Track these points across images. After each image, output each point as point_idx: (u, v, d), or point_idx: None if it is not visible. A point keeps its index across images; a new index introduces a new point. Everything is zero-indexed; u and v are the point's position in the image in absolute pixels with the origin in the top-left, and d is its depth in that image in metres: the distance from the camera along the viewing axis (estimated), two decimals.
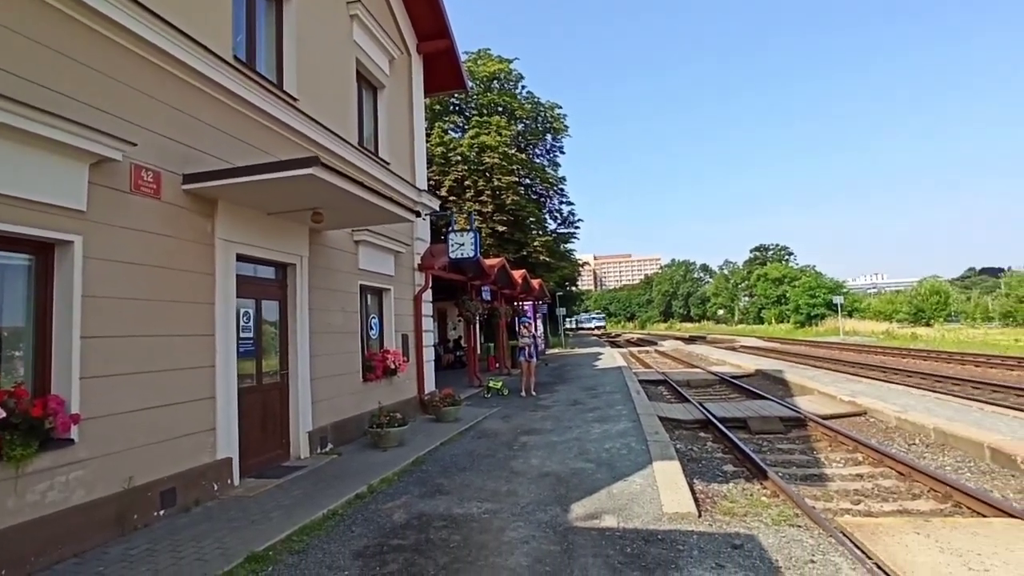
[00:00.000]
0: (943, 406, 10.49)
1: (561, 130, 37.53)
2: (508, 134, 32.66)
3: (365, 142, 10.48)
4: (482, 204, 30.65)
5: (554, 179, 37.78)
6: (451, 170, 30.85)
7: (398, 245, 10.97)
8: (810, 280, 68.44)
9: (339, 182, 5.96)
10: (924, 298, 52.54)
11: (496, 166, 31.33)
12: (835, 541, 4.68)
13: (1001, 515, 5.38)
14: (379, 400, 9.45)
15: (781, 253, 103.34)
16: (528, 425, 10.18)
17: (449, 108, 34.41)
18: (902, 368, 19.49)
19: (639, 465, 7.01)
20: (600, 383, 16.38)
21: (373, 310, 10.51)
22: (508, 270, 19.48)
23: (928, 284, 55.69)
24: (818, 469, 7.69)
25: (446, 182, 30.46)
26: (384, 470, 7.04)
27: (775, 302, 79.35)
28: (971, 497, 5.87)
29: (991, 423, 8.80)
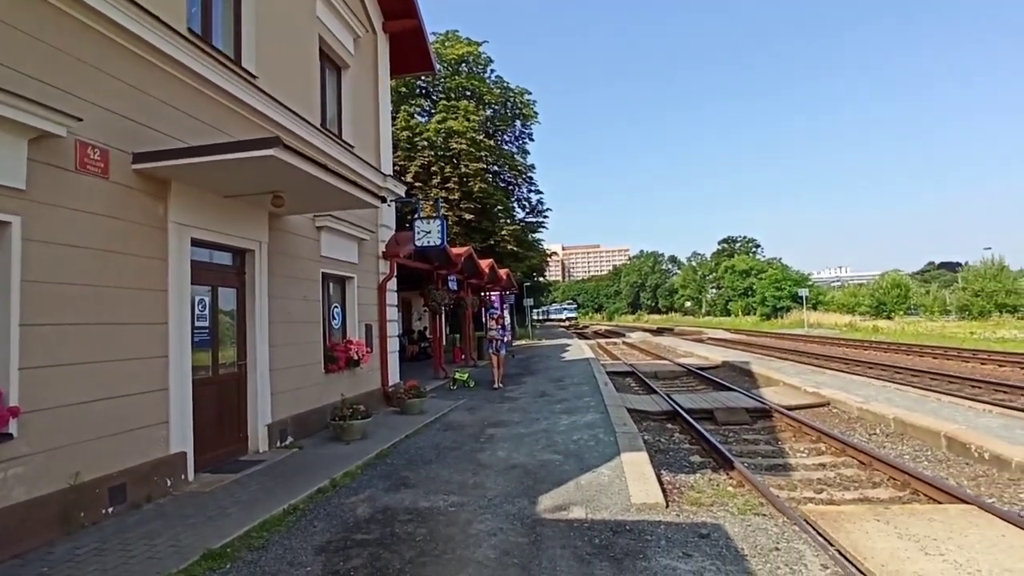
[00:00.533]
0: (903, 396, 10.95)
1: (531, 116, 37.50)
2: (476, 119, 32.46)
3: (328, 124, 10.29)
4: (449, 191, 30.46)
5: (523, 167, 37.76)
6: (417, 155, 30.53)
7: (362, 232, 10.83)
8: (776, 273, 70.28)
9: (302, 165, 5.85)
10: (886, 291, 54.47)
11: (464, 152, 31.14)
12: (799, 529, 4.86)
13: (956, 501, 5.66)
14: (342, 392, 9.36)
15: (748, 245, 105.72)
16: (495, 417, 10.23)
17: (415, 91, 33.99)
18: (864, 360, 20.26)
19: (607, 456, 7.12)
20: (568, 375, 16.54)
21: (336, 299, 10.38)
22: (475, 259, 19.44)
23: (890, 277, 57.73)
24: (783, 459, 7.94)
25: (412, 168, 30.15)
26: (347, 464, 6.99)
27: (742, 294, 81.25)
28: (928, 485, 6.15)
29: (947, 413, 9.23)
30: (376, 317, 11.68)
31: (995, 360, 18.27)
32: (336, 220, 9.76)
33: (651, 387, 14.30)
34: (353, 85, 11.21)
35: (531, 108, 37.21)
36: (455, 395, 13.11)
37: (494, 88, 35.48)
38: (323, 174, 6.33)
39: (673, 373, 18.04)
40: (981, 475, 6.79)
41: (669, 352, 26.55)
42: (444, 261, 15.60)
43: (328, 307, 10.03)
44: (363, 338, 10.85)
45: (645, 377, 16.31)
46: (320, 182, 6.43)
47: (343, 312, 10.55)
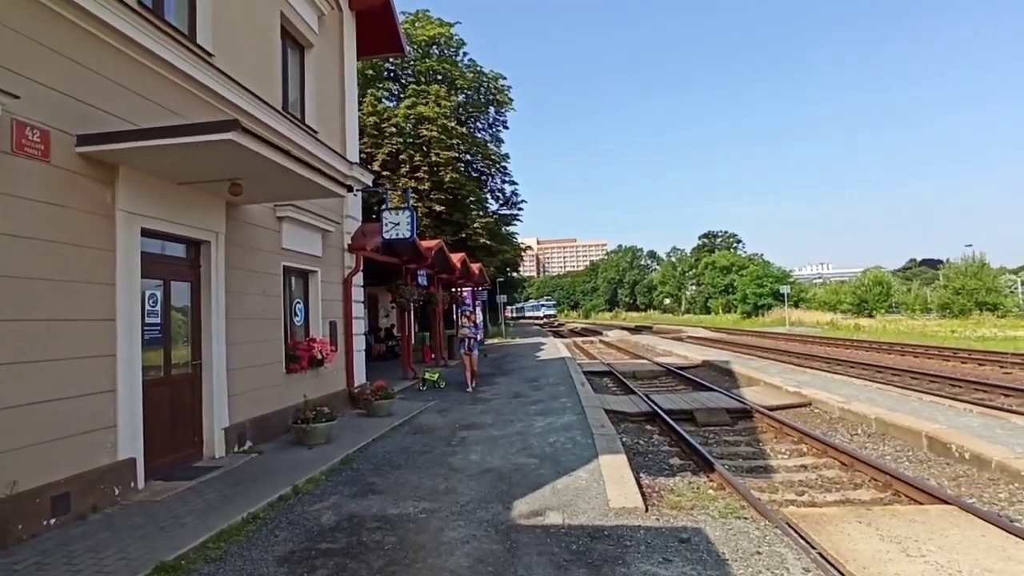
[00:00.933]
0: (884, 396, 11.27)
1: (505, 103, 37.46)
2: (448, 105, 32.32)
3: (290, 107, 10.13)
4: (418, 181, 30.28)
5: (497, 156, 37.74)
6: (385, 142, 30.28)
7: (326, 223, 10.72)
8: (758, 269, 71.60)
9: (262, 150, 5.75)
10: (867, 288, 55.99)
11: (434, 140, 30.98)
12: (780, 532, 4.97)
13: (937, 502, 5.86)
14: (304, 393, 9.26)
15: (730, 241, 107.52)
16: (467, 419, 10.24)
17: (383, 74, 33.69)
18: (845, 359, 20.79)
19: (584, 459, 7.19)
20: (543, 374, 16.62)
21: (298, 294, 10.26)
22: (446, 253, 19.37)
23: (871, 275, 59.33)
24: (764, 461, 8.12)
25: (379, 155, 29.89)
26: (310, 469, 6.92)
27: (722, 291, 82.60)
28: (909, 485, 6.36)
29: (928, 412, 9.53)
30: (341, 314, 11.58)
31: (975, 359, 18.92)
32: (299, 210, 9.64)
33: (629, 387, 14.46)
34: (317, 66, 11.05)
35: (506, 94, 37.18)
36: (425, 396, 13.07)
37: (467, 72, 35.35)
38: (285, 160, 6.24)
39: (652, 373, 18.26)
40: (962, 475, 7.03)
41: (648, 351, 26.84)
42: (413, 255, 15.52)
43: (290, 303, 9.91)
44: (327, 336, 10.74)
45: (623, 377, 16.47)
46: (281, 169, 6.34)
47: (306, 308, 10.44)
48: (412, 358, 17.08)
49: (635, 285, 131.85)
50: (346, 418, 10.34)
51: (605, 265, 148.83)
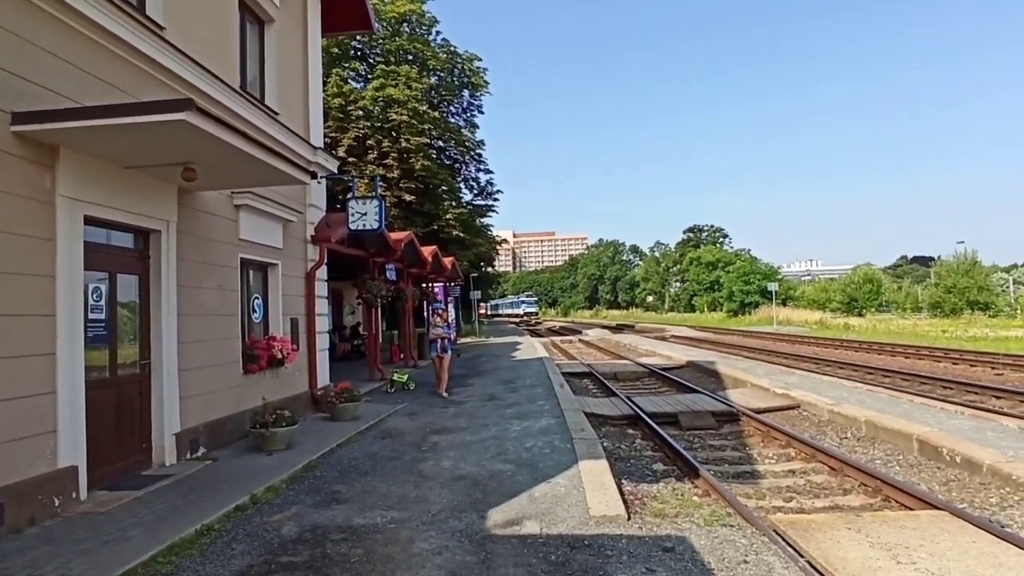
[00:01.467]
0: (874, 398, 11.54)
1: (481, 86, 37.41)
2: (419, 87, 32.16)
3: (249, 87, 9.98)
4: (387, 168, 30.11)
5: (471, 143, 37.71)
6: (351, 127, 30.04)
7: (288, 212, 10.61)
8: (745, 265, 72.63)
9: (218, 132, 5.66)
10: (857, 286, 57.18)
11: (404, 124, 30.82)
12: (768, 540, 5.06)
13: (927, 507, 6.02)
14: (263, 395, 9.15)
15: (716, 235, 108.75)
16: (439, 423, 10.24)
17: (350, 53, 33.39)
18: (835, 359, 21.24)
19: (563, 465, 7.23)
20: (519, 376, 16.68)
21: (257, 289, 10.17)
22: (417, 246, 19.33)
23: (862, 272, 60.64)
24: (751, 466, 8.26)
25: (345, 140, 29.65)
26: (270, 477, 6.86)
27: (708, 288, 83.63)
28: (900, 491, 6.52)
29: (919, 415, 9.79)
30: (303, 310, 11.50)
31: (967, 360, 19.46)
32: (258, 198, 9.53)
33: (611, 389, 14.59)
34: (278, 42, 10.91)
35: (481, 77, 37.13)
36: (393, 399, 13.03)
37: (440, 53, 35.20)
38: (243, 144, 6.16)
39: (634, 374, 18.44)
40: (952, 479, 7.24)
41: (630, 351, 27.07)
42: (381, 247, 15.44)
43: (248, 298, 9.81)
44: (288, 334, 10.66)
45: (604, 378, 16.61)
46: (239, 153, 6.26)
47: (265, 304, 10.34)
48: (379, 358, 16.99)
49: (616, 281, 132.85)
50: (308, 422, 10.27)
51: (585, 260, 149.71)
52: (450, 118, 37.81)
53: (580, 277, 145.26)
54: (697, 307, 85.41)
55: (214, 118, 5.60)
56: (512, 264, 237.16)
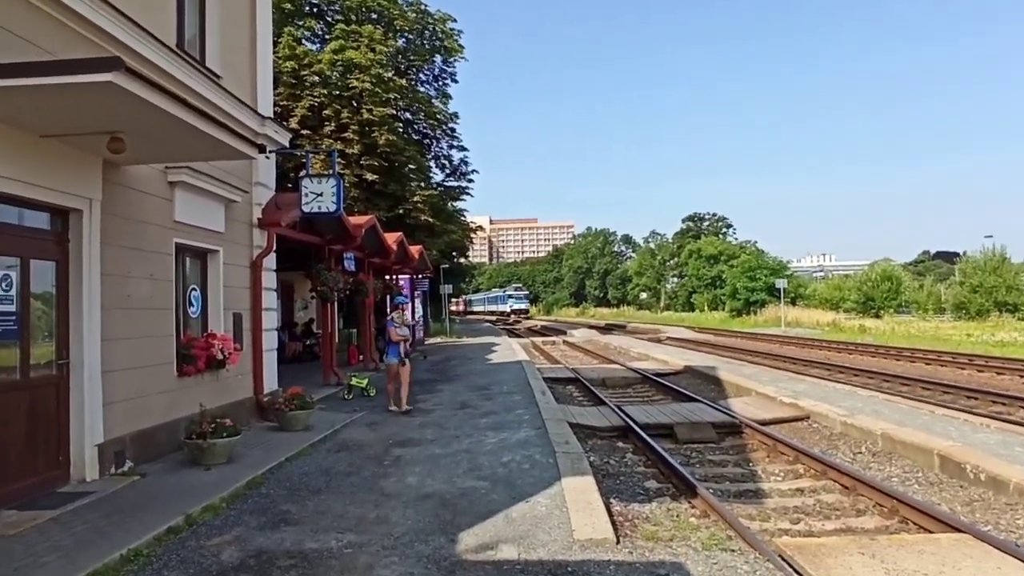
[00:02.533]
0: (892, 408, 11.75)
1: (455, 51, 37.31)
2: (384, 51, 31.98)
3: (187, 46, 9.84)
4: (347, 143, 29.94)
5: (443, 115, 37.62)
6: (305, 94, 29.80)
7: (231, 191, 10.51)
8: (750, 259, 73.27)
9: (151, 97, 5.59)
10: (875, 284, 58.01)
11: (367, 93, 30.64)
12: (773, 566, 5.14)
13: (949, 530, 6.15)
14: (201, 402, 9.06)
15: (718, 225, 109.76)
16: (403, 434, 10.24)
17: (304, 8, 33.10)
18: (849, 365, 21.56)
19: (545, 482, 7.27)
20: (495, 381, 16.71)
21: (194, 279, 10.08)
22: (380, 232, 19.25)
23: (879, 268, 61.55)
24: (754, 484, 8.37)
25: (298, 110, 29.41)
26: (208, 495, 6.81)
27: (709, 285, 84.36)
28: (918, 511, 6.66)
29: (941, 427, 10.00)
30: (248, 304, 11.42)
31: (993, 367, 19.90)
32: (196, 174, 9.42)
33: (599, 397, 14.67)
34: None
35: (455, 40, 37.03)
36: (351, 406, 12.98)
37: (408, 11, 35.03)
38: (179, 110, 6.08)
39: (625, 380, 18.56)
40: (976, 499, 7.40)
41: (620, 354, 27.22)
42: (339, 233, 15.33)
43: (184, 290, 9.73)
44: (230, 331, 10.58)
45: (591, 385, 16.70)
46: (175, 121, 6.19)
47: (204, 297, 10.26)
48: (335, 360, 16.90)
49: (606, 276, 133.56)
50: (253, 432, 10.22)
51: (571, 251, 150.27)
52: (419, 86, 37.66)
53: (565, 270, 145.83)
54: (696, 306, 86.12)
55: (146, 80, 5.51)
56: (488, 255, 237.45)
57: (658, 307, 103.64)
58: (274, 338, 12.53)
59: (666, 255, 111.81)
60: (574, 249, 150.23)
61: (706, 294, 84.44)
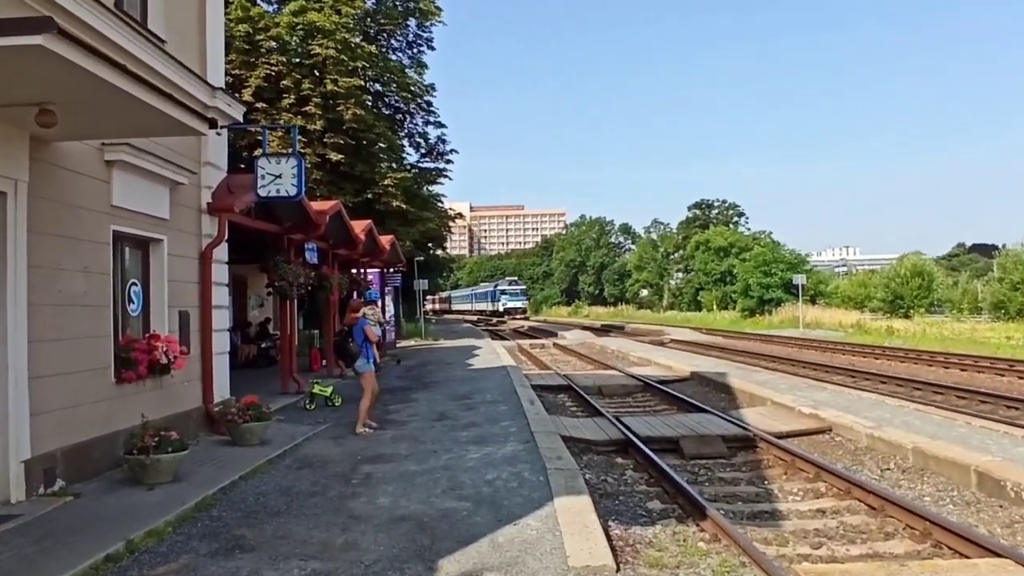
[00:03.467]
0: (924, 420, 11.89)
1: (431, 13, 37.23)
2: (351, 13, 31.88)
3: (126, 6, 9.76)
4: (308, 118, 29.82)
5: (418, 87, 37.51)
6: (261, 62, 29.64)
7: (177, 172, 10.48)
8: (764, 252, 73.64)
9: (86, 62, 5.54)
10: (904, 281, 58.50)
11: (331, 60, 30.53)
12: None
13: (987, 555, 6.23)
14: (143, 412, 9.00)
15: (729, 213, 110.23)
16: (373, 449, 10.26)
17: None
18: (875, 371, 21.80)
19: (535, 503, 7.29)
20: (478, 389, 16.75)
21: (135, 273, 10.04)
22: (346, 220, 19.19)
23: (909, 263, 62.01)
24: (771, 504, 8.45)
25: (252, 80, 29.24)
26: (152, 518, 6.77)
27: (718, 281, 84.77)
28: (954, 534, 6.73)
29: (979, 441, 10.12)
30: (196, 301, 11.39)
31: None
32: (138, 153, 9.36)
33: (595, 408, 14.73)
34: None
35: (431, 1, 36.90)
36: (313, 418, 12.97)
37: None
38: (119, 79, 6.04)
39: (624, 388, 18.64)
40: (1018, 520, 7.50)
41: (619, 359, 27.33)
42: (300, 221, 15.28)
43: (123, 285, 9.68)
44: (176, 332, 10.54)
45: (586, 394, 16.76)
46: (114, 91, 6.14)
47: (146, 293, 10.22)
48: (295, 365, 16.85)
49: (602, 270, 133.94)
50: (202, 447, 10.22)
51: (563, 242, 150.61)
52: (391, 54, 37.58)
53: (556, 264, 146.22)
54: (704, 304, 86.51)
55: (81, 44, 5.47)
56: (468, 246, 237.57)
57: (660, 306, 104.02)
58: (226, 340, 12.47)
59: (670, 247, 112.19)
60: (566, 240, 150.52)
61: (715, 291, 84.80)
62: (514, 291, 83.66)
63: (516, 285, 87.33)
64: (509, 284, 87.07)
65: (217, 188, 11.98)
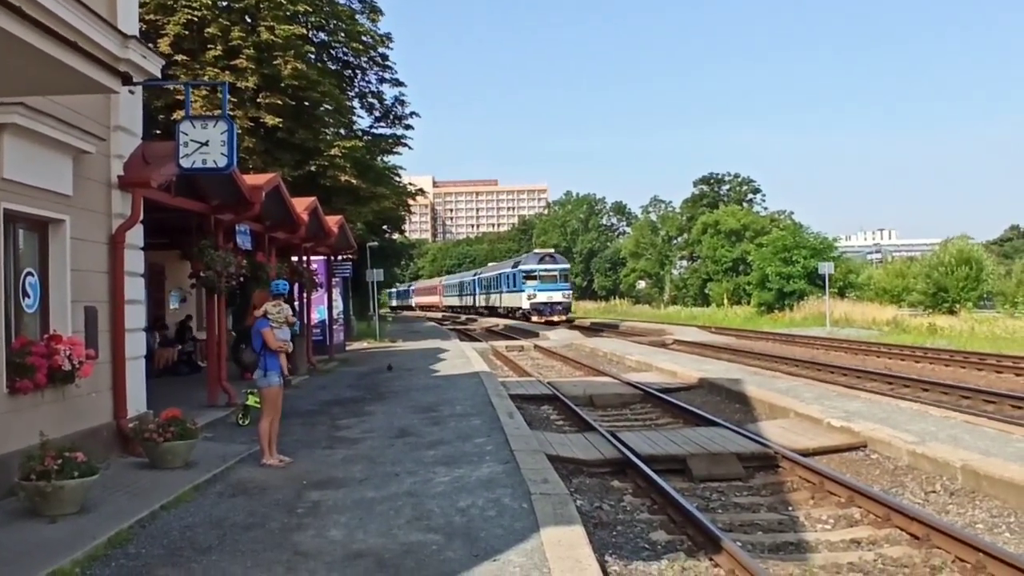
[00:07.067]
0: (974, 434, 12.03)
1: None
2: None
3: None
4: (238, 74, 29.58)
5: (371, 36, 37.31)
6: (180, 6, 29.35)
7: (82, 138, 10.33)
8: (785, 236, 74.10)
9: None
10: (948, 270, 59.15)
11: (266, 4, 30.30)
12: None
13: None
14: (42, 429, 8.92)
15: (742, 190, 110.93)
16: (322, 472, 10.24)
17: None
18: (916, 377, 22.02)
19: (518, 534, 7.30)
20: (445, 400, 16.76)
21: (30, 261, 9.95)
22: (286, 197, 19.06)
23: (954, 248, 62.66)
24: (795, 534, 8.52)
25: (170, 27, 29.00)
26: (55, 557, 6.70)
27: (729, 270, 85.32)
28: (1011, 567, 6.82)
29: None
30: (106, 295, 11.33)
31: None
32: (34, 115, 9.22)
33: (585, 421, 14.80)
34: None
35: None
36: (248, 435, 12.80)
37: None
38: (8, 21, 5.95)
39: (620, 398, 18.75)
40: None
41: (613, 363, 27.43)
42: (230, 197, 15.18)
43: (16, 275, 9.59)
44: (81, 332, 10.44)
45: (575, 405, 16.83)
46: (2, 37, 6.05)
47: (43, 285, 10.14)
48: (225, 372, 16.73)
49: (591, 257, 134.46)
50: (114, 470, 10.12)
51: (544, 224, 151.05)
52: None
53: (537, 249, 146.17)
54: (713, 298, 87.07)
55: None
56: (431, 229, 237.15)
57: (661, 300, 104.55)
58: (141, 341, 12.35)
59: (672, 230, 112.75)
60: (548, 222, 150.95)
61: (725, 283, 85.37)
62: (549, 273, 61.59)
63: (552, 263, 63.58)
64: (539, 262, 62.98)
65: (130, 158, 11.87)
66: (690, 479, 10.81)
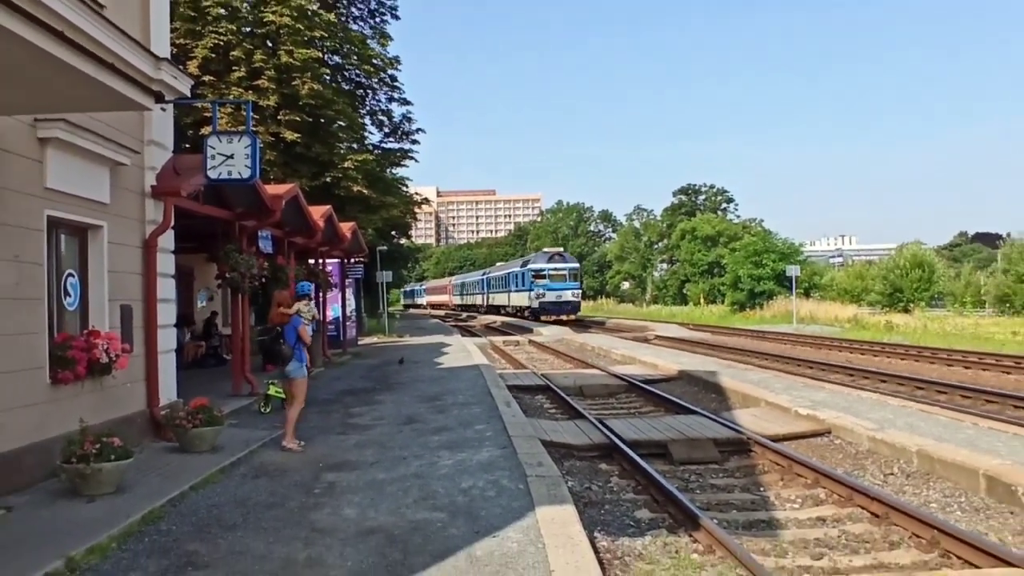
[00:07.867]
0: (928, 421, 12.06)
1: None
2: None
3: None
4: (260, 93, 29.52)
5: (381, 59, 37.28)
6: (208, 31, 29.28)
7: (119, 152, 10.34)
8: (756, 242, 74.34)
9: (16, 26, 5.42)
10: (903, 272, 59.41)
11: (286, 29, 30.26)
12: None
13: (999, 564, 6.34)
14: (81, 416, 8.91)
15: (717, 199, 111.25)
16: (336, 456, 10.25)
17: None
18: (875, 369, 22.09)
19: (515, 513, 7.32)
20: (448, 390, 16.77)
21: (71, 263, 9.92)
22: (304, 205, 19.05)
23: (909, 253, 62.96)
24: (767, 512, 8.54)
25: (198, 51, 28.91)
26: (94, 533, 6.70)
27: (705, 272, 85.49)
28: (962, 543, 6.83)
29: (987, 443, 10.29)
30: (140, 294, 11.31)
31: None
32: (74, 130, 9.21)
33: (576, 410, 14.79)
34: None
35: None
36: (269, 422, 12.85)
37: None
38: (54, 45, 5.91)
39: (607, 388, 18.75)
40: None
41: (600, 357, 27.45)
42: (254, 206, 15.15)
43: (59, 276, 9.58)
44: (117, 328, 10.43)
45: (566, 394, 16.82)
46: (47, 59, 6.01)
47: (83, 285, 10.12)
48: (249, 365, 16.70)
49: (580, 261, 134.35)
50: (147, 454, 10.12)
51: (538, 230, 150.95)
52: (352, 24, 37.32)
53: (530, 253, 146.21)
54: (690, 298, 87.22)
55: (7, 3, 5.35)
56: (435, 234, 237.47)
57: (643, 300, 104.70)
58: (172, 337, 12.35)
59: (653, 236, 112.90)
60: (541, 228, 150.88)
61: (702, 284, 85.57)
62: (559, 272, 57.35)
63: (562, 261, 59.25)
64: (548, 261, 58.55)
65: (162, 170, 11.86)
66: (671, 462, 10.82)
